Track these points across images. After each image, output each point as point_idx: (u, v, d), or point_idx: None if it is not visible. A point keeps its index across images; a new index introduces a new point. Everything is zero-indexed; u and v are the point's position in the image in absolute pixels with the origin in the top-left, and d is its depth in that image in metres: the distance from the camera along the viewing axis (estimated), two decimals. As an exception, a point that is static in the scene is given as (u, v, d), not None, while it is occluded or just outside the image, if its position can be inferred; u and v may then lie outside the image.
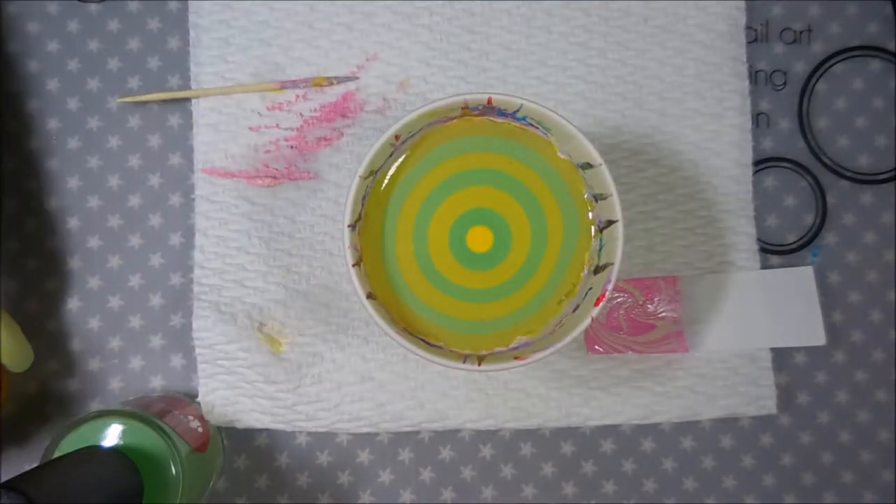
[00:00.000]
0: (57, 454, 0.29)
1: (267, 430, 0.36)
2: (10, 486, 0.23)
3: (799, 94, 0.37)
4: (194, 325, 0.35)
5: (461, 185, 0.31)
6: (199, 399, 0.35)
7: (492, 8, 0.36)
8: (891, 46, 0.37)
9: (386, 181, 0.31)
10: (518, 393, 0.35)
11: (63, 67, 0.37)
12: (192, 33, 0.36)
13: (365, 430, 0.35)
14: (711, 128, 0.36)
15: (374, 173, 0.30)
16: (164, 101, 0.37)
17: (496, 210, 0.31)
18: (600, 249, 0.30)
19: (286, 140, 0.36)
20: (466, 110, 0.30)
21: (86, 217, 0.37)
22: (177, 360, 0.36)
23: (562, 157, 0.31)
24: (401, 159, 0.31)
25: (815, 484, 0.37)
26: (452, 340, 0.31)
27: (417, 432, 0.36)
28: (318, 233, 0.36)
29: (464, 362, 0.29)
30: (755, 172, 0.37)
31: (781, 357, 0.36)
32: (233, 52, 0.36)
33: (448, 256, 0.31)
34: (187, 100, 0.37)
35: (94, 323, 0.36)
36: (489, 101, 0.29)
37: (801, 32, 0.38)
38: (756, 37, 0.37)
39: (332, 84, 0.35)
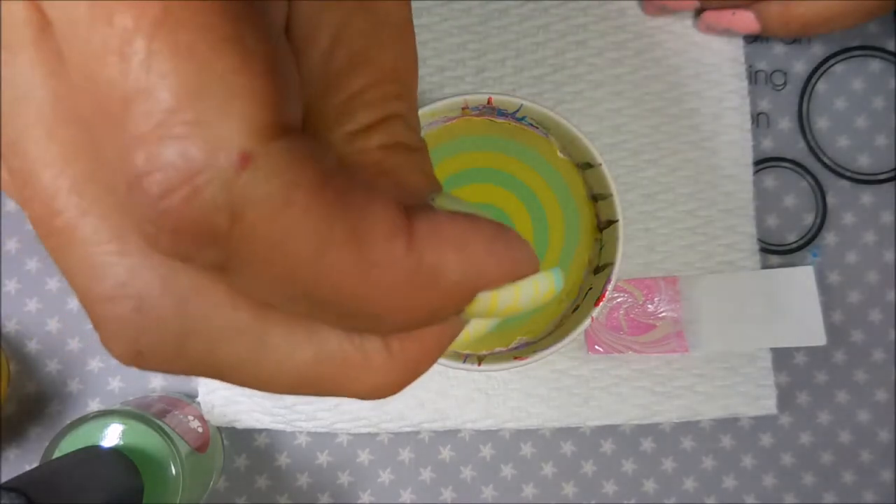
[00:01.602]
0: (57, 454, 0.29)
1: (267, 430, 0.36)
2: (11, 486, 0.23)
3: (799, 94, 0.37)
4: (194, 326, 0.35)
5: (461, 183, 0.31)
6: (199, 399, 0.35)
7: (489, 7, 0.36)
8: (891, 46, 0.37)
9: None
10: (518, 393, 0.35)
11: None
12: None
13: (365, 430, 0.35)
14: (711, 127, 0.36)
15: (373, 173, 0.30)
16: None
17: (497, 205, 0.31)
18: (600, 249, 0.30)
19: (286, 140, 0.36)
20: (466, 110, 0.30)
21: (86, 217, 0.37)
22: (177, 361, 0.36)
23: (561, 156, 0.31)
24: (400, 159, 0.31)
25: (815, 484, 0.37)
26: (452, 340, 0.31)
27: (417, 432, 0.36)
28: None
29: (464, 362, 0.29)
30: (755, 172, 0.37)
31: (781, 357, 0.36)
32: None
33: None
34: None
35: (94, 323, 0.36)
36: (489, 101, 0.29)
37: (800, 32, 0.38)
38: (756, 37, 0.37)
39: None
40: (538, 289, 0.16)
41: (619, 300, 0.36)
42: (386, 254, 0.13)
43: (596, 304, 0.29)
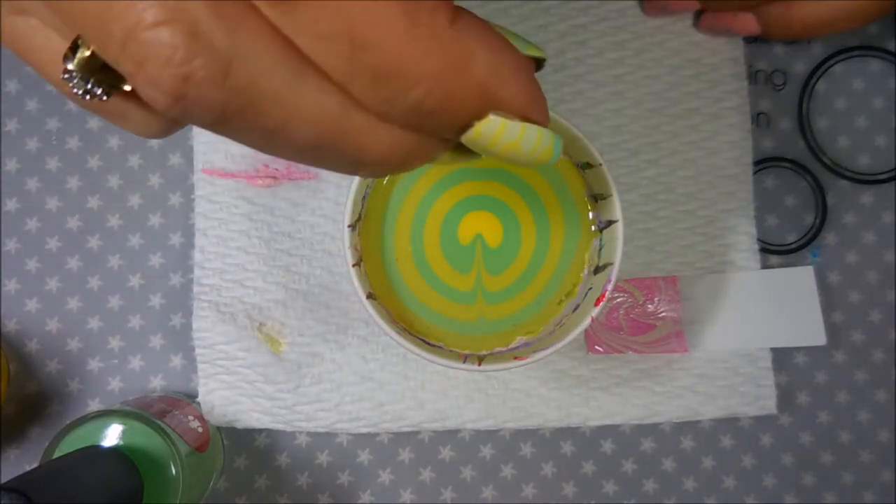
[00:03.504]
0: (57, 454, 0.29)
1: (267, 430, 0.36)
2: (11, 486, 0.23)
3: (799, 94, 0.37)
4: (194, 325, 0.35)
5: (462, 180, 0.31)
6: (199, 399, 0.35)
7: (490, 8, 0.36)
8: (891, 46, 0.37)
9: (386, 180, 0.31)
10: (518, 393, 0.35)
11: (63, 67, 0.37)
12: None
13: (365, 430, 0.35)
14: (711, 127, 0.36)
15: (373, 173, 0.30)
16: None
17: (502, 200, 0.31)
18: (600, 249, 0.30)
19: (286, 140, 0.36)
20: (466, 110, 0.30)
21: (86, 217, 0.37)
22: (177, 360, 0.36)
23: (562, 157, 0.31)
24: (401, 159, 0.31)
25: (815, 484, 0.37)
26: (452, 340, 0.31)
27: (417, 432, 0.36)
28: (318, 233, 0.36)
29: (464, 362, 0.29)
30: (755, 172, 0.37)
31: (781, 357, 0.36)
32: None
33: (443, 259, 0.31)
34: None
35: (94, 323, 0.36)
36: (489, 101, 0.29)
37: (800, 32, 0.38)
38: (756, 37, 0.37)
39: None
40: (541, 141, 0.18)
41: (619, 300, 0.36)
42: (430, 18, 0.15)
43: (596, 304, 0.29)
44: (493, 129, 0.17)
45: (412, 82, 0.15)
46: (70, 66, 0.16)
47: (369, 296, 0.29)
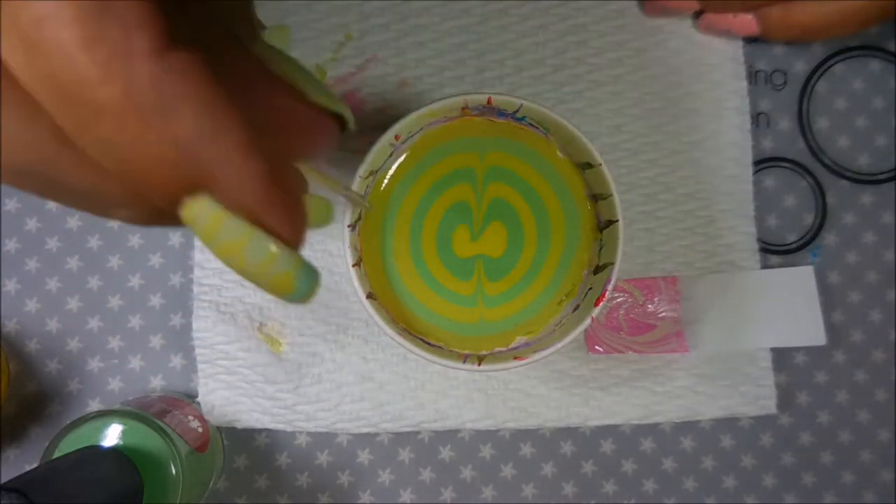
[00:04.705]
0: (57, 454, 0.29)
1: (267, 430, 0.36)
2: (11, 486, 0.23)
3: (799, 94, 0.37)
4: (194, 325, 0.35)
5: (461, 181, 0.31)
6: (199, 399, 0.35)
7: (490, 7, 0.36)
8: (891, 46, 0.37)
9: (386, 181, 0.31)
10: (518, 393, 0.35)
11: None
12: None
13: (365, 430, 0.35)
14: (711, 127, 0.36)
15: (373, 173, 0.30)
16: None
17: (505, 199, 0.31)
18: (600, 249, 0.30)
19: (286, 140, 0.36)
20: (466, 110, 0.30)
21: (85, 217, 0.37)
22: (177, 360, 0.36)
23: (561, 156, 0.31)
24: (401, 159, 0.31)
25: (815, 484, 0.37)
26: (452, 340, 0.31)
27: (417, 432, 0.36)
28: (317, 232, 0.36)
29: (464, 362, 0.29)
30: (755, 172, 0.37)
31: (781, 357, 0.36)
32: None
33: (439, 263, 0.31)
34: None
35: (93, 323, 0.36)
36: (489, 101, 0.29)
37: (800, 32, 0.38)
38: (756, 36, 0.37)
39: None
40: (275, 261, 0.13)
41: (619, 300, 0.36)
42: (121, 35, 0.12)
43: (596, 304, 0.29)
44: (206, 216, 0.13)
45: (97, 111, 0.13)
46: None
47: (369, 296, 0.29)
